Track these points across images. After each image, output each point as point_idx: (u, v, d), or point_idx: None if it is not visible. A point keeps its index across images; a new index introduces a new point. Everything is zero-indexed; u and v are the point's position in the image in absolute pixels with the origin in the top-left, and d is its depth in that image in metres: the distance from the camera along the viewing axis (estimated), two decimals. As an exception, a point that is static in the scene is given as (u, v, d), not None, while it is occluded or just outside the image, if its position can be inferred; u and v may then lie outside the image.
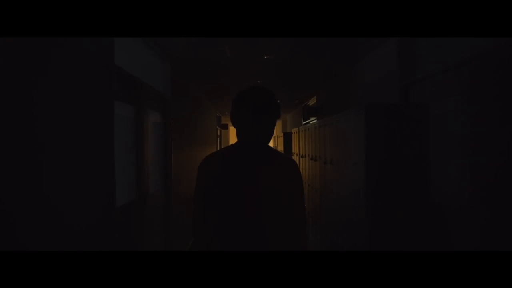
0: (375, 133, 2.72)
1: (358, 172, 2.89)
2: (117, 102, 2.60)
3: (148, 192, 3.47)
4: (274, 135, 16.07)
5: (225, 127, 13.25)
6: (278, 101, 1.46)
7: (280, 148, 10.98)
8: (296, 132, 6.91)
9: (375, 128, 2.72)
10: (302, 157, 6.08)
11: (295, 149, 7.16)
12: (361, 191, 2.82)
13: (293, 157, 7.19)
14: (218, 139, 11.42)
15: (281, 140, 10.97)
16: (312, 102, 8.22)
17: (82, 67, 1.93)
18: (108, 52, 2.33)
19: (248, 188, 1.44)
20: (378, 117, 2.73)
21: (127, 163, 2.98)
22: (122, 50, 2.78)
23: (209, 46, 3.82)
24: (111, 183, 2.32)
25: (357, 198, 2.94)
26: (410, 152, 2.74)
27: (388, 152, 2.72)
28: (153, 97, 3.78)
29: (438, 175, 2.72)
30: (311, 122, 6.62)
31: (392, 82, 3.59)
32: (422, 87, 3.10)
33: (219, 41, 3.66)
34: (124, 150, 2.88)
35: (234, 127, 1.50)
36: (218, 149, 8.13)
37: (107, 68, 2.28)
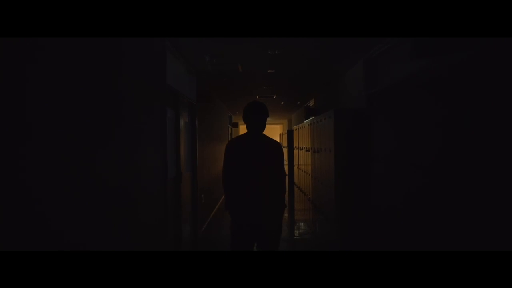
0: (340, 129, 4.00)
1: (331, 156, 4.17)
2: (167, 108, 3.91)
3: (182, 172, 4.78)
4: (280, 133, 17.33)
5: (236, 125, 14.34)
6: (267, 109, 2.78)
7: (285, 143, 12.15)
8: (296, 130, 8.15)
9: (340, 125, 4.00)
10: (300, 149, 7.33)
11: (296, 144, 8.39)
12: (332, 168, 4.10)
13: (294, 150, 8.43)
14: (230, 136, 12.67)
15: (285, 137, 12.17)
16: (311, 103, 9.42)
17: (150, 88, 3.25)
18: (163, 76, 3.64)
19: (255, 157, 2.74)
20: (342, 117, 4.00)
21: (170, 151, 4.28)
22: (169, 71, 4.07)
23: (225, 63, 5.10)
24: (165, 163, 3.63)
25: (329, 172, 4.21)
26: (363, 141, 4.00)
27: (348, 142, 4.00)
28: (185, 103, 5.08)
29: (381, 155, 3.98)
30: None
31: (362, 92, 4.84)
32: (380, 96, 4.35)
33: (233, 61, 4.94)
34: (169, 141, 4.19)
35: (245, 123, 2.81)
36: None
37: (163, 87, 3.60)
